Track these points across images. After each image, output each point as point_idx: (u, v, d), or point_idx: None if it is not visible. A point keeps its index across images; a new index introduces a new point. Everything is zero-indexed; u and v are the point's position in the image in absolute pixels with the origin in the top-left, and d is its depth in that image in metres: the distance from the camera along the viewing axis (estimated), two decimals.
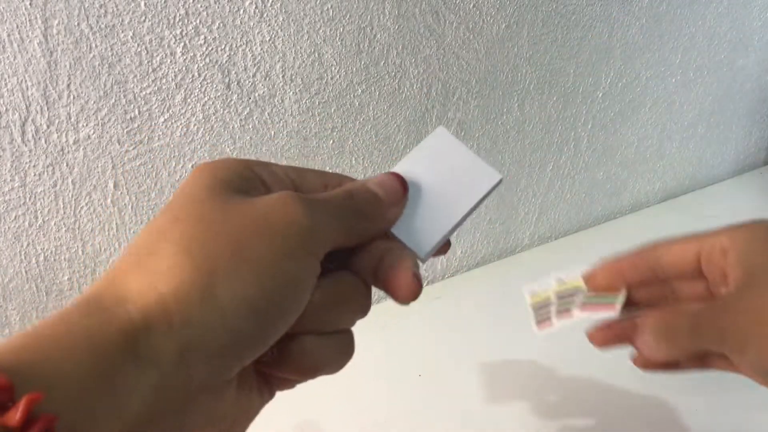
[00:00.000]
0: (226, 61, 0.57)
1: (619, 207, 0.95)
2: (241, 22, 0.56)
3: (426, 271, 0.79)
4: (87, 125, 0.54)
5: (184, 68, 0.56)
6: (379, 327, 0.71)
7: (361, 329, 0.29)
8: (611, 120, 0.88)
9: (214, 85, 0.58)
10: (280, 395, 0.29)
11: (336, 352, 0.27)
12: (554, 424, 0.60)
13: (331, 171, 0.30)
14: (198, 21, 0.55)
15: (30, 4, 0.48)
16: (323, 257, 0.25)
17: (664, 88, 0.90)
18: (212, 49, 0.56)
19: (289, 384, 0.28)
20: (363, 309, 0.28)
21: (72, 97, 0.53)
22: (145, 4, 0.52)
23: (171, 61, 0.55)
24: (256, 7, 0.56)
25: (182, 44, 0.55)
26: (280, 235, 0.22)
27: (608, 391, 0.63)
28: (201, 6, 0.54)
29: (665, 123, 0.94)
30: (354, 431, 0.59)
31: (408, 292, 0.26)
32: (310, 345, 0.25)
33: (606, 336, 0.37)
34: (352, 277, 0.27)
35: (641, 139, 0.92)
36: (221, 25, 0.56)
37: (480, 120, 0.76)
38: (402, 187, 0.28)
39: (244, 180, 0.25)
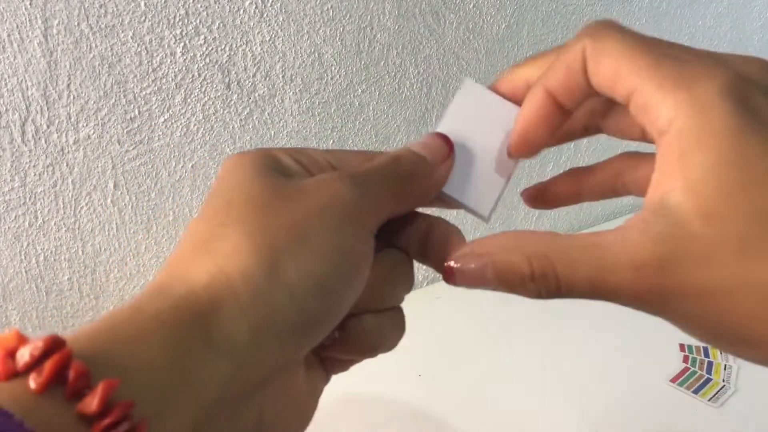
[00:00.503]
0: (226, 61, 0.57)
1: (619, 207, 0.95)
2: (241, 22, 0.56)
3: (426, 270, 0.79)
4: (87, 125, 0.54)
5: (184, 68, 0.56)
6: None
7: None
8: None
9: (214, 85, 0.58)
10: None
11: (391, 329, 0.27)
12: (554, 423, 0.60)
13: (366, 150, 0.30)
14: (198, 21, 0.55)
15: (30, 4, 0.48)
16: (377, 229, 0.25)
17: None
18: (212, 49, 0.56)
19: (343, 366, 0.28)
20: (409, 284, 0.28)
21: (72, 97, 0.53)
22: (145, 4, 0.52)
23: (171, 61, 0.55)
24: (256, 7, 0.56)
25: (182, 44, 0.55)
26: (331, 212, 0.22)
27: (609, 389, 0.63)
28: (201, 6, 0.54)
29: None
30: (354, 431, 0.59)
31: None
32: (369, 323, 0.26)
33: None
34: (398, 253, 0.27)
35: None
36: (221, 25, 0.56)
37: None
38: (447, 144, 0.28)
39: (284, 165, 0.25)
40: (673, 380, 0.64)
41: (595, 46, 0.23)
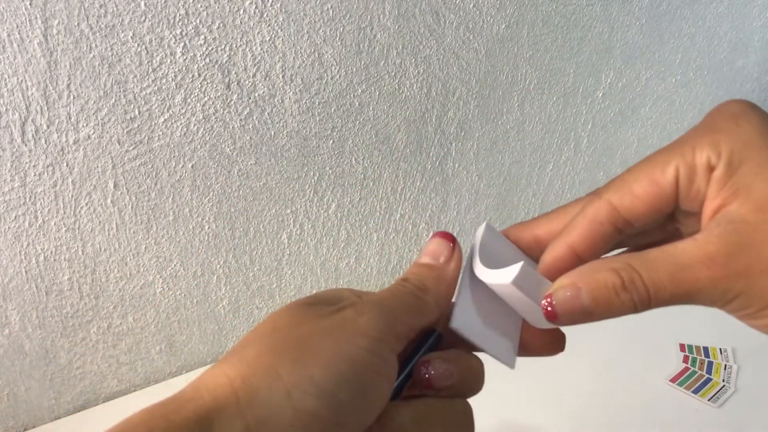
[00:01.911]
0: (226, 61, 0.57)
1: None
2: (241, 22, 0.56)
3: None
4: (87, 125, 0.54)
5: (184, 68, 0.56)
6: None
7: None
8: (611, 120, 0.88)
9: (214, 85, 0.58)
10: None
11: None
12: (554, 422, 0.60)
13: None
14: (198, 21, 0.55)
15: (30, 4, 0.48)
16: (401, 347, 0.26)
17: (664, 88, 0.90)
18: (212, 49, 0.56)
19: None
20: None
21: (72, 97, 0.53)
22: (145, 4, 0.52)
23: (171, 61, 0.55)
24: (256, 7, 0.56)
25: (182, 44, 0.55)
26: (343, 329, 0.24)
27: (609, 389, 0.63)
28: (201, 6, 0.54)
29: (665, 123, 0.94)
30: None
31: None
32: None
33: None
34: (440, 401, 0.28)
35: (641, 139, 0.92)
36: (221, 25, 0.56)
37: (480, 120, 0.76)
38: (448, 240, 0.30)
39: (340, 297, 0.27)
40: (672, 380, 0.64)
41: (621, 189, 0.26)
